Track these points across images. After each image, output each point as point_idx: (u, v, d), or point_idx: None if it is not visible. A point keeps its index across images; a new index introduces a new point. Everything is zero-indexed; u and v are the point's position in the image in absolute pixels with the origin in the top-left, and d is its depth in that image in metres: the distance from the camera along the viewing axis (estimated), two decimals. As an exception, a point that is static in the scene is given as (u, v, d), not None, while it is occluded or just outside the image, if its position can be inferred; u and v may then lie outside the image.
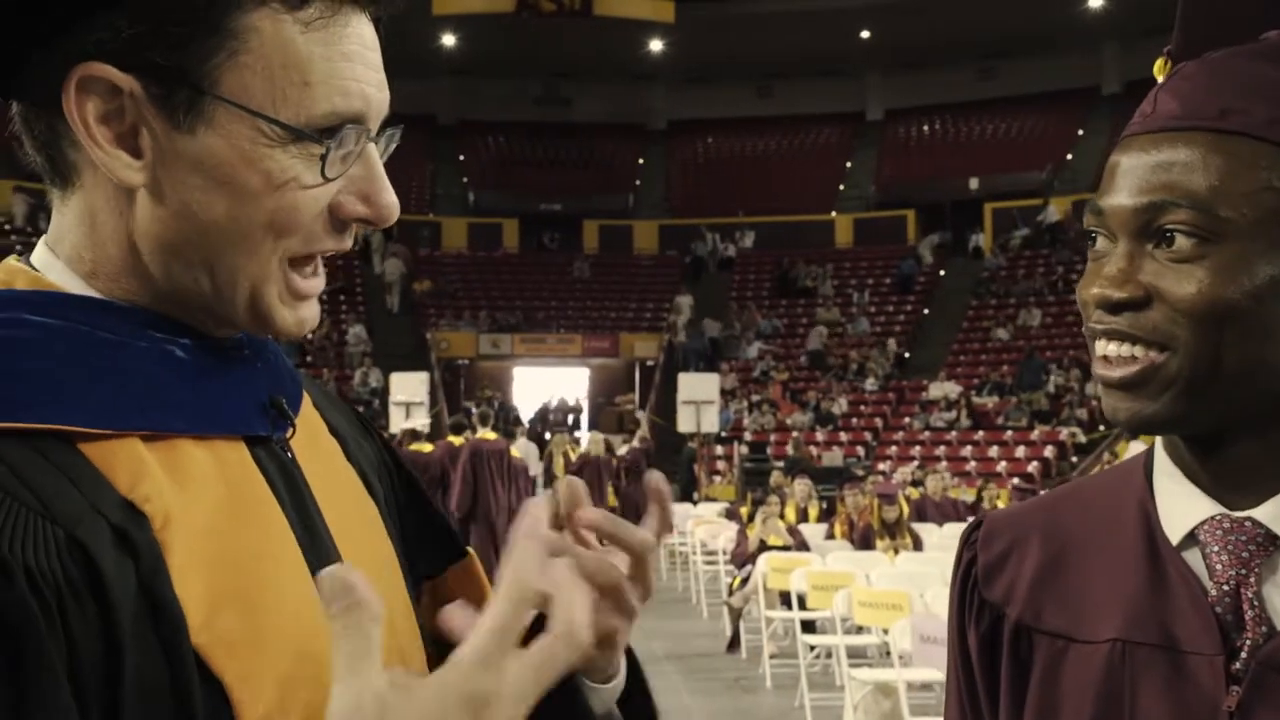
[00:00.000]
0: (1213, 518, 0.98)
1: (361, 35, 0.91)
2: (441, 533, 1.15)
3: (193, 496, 0.84)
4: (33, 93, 0.88)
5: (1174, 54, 1.03)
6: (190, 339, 0.92)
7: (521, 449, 14.74)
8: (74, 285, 0.90)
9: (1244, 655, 0.94)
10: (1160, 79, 1.05)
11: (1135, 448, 18.90)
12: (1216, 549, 0.97)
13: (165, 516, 0.80)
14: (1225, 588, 0.96)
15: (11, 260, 0.92)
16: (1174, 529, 1.01)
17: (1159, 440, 1.05)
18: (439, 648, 1.08)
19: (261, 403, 0.95)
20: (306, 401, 1.04)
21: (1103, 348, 0.96)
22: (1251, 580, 0.96)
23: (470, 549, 1.18)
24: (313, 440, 1.02)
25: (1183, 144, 0.94)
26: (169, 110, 0.86)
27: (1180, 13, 1.03)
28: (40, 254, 0.92)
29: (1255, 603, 0.95)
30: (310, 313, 0.93)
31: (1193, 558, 0.99)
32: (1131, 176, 0.95)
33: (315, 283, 0.93)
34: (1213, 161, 0.92)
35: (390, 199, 0.92)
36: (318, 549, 0.92)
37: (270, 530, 0.89)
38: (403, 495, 1.13)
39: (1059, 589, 1.07)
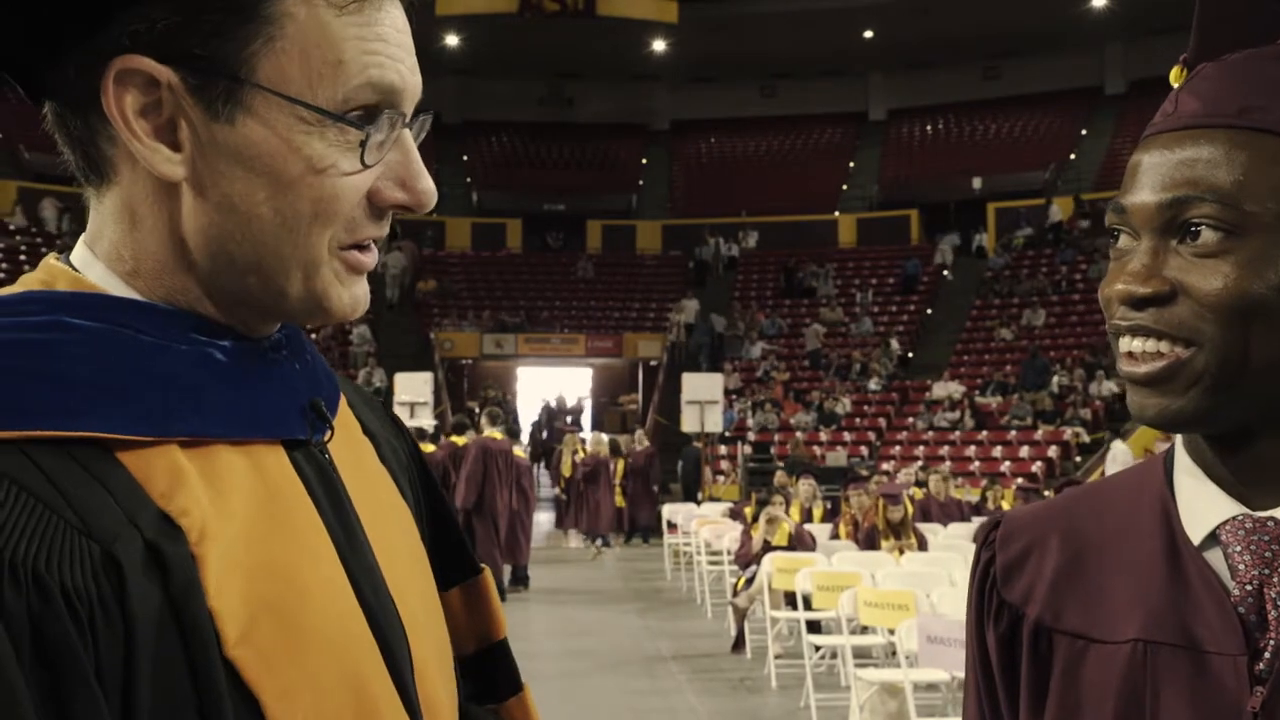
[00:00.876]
0: (1235, 517, 0.98)
1: (394, 19, 0.91)
2: (457, 548, 1.15)
3: (231, 504, 0.84)
4: (68, 91, 0.88)
5: (1190, 60, 1.03)
6: (230, 340, 0.91)
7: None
8: (114, 286, 0.89)
9: (1267, 655, 0.94)
10: (1176, 83, 1.05)
11: (1118, 449, 18.86)
12: (1239, 549, 0.97)
13: (202, 529, 0.80)
14: (1248, 588, 0.96)
15: (51, 259, 0.92)
16: (1195, 529, 1.00)
17: (1179, 439, 1.05)
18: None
19: (300, 405, 0.95)
20: (342, 402, 1.04)
21: (1127, 344, 0.96)
22: (1275, 580, 0.95)
23: (485, 567, 1.18)
24: (349, 442, 1.02)
25: (1205, 141, 0.94)
26: (207, 100, 0.85)
27: (1197, 20, 1.03)
28: (79, 253, 0.92)
29: (1279, 603, 0.95)
30: (363, 291, 0.93)
31: (1214, 557, 0.99)
32: (1155, 173, 0.96)
33: (369, 257, 0.93)
34: (1236, 157, 0.92)
35: (428, 185, 0.92)
36: (356, 554, 0.92)
37: (309, 536, 0.89)
38: (425, 502, 1.13)
39: (1079, 589, 1.07)
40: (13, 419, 0.78)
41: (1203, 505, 1.00)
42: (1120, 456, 17.82)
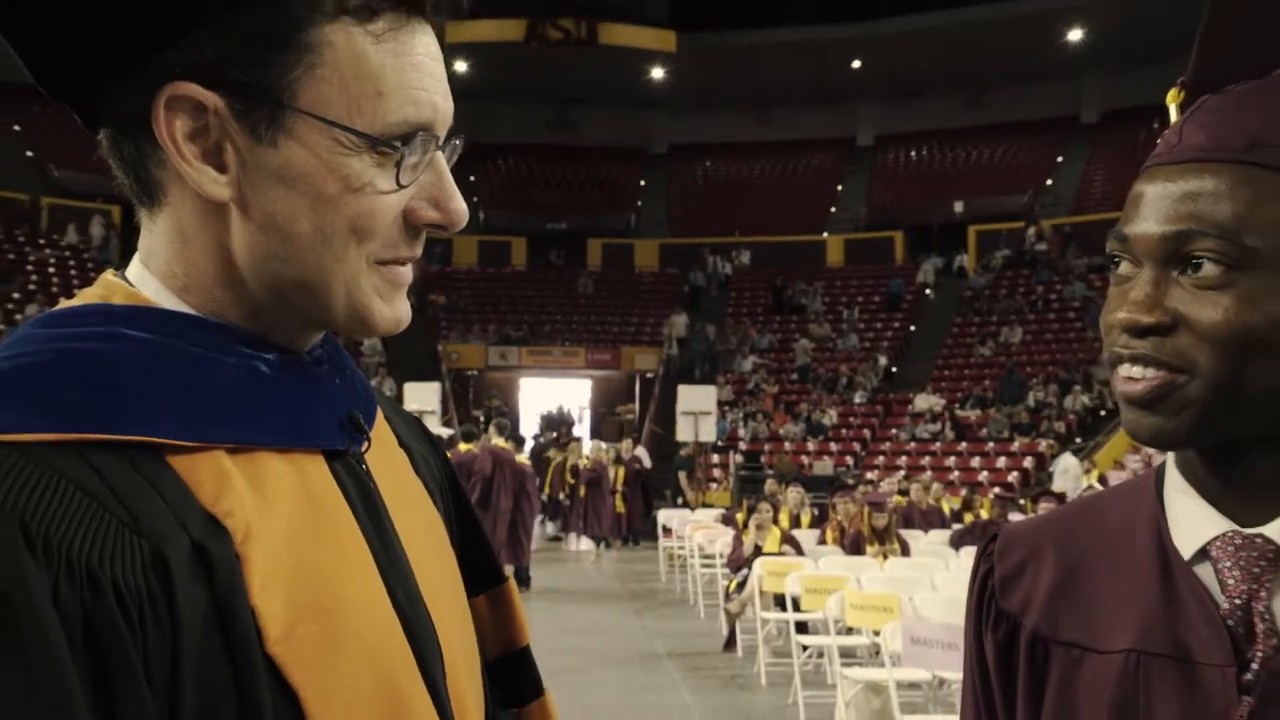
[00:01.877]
0: (1225, 534, 0.98)
1: (428, 47, 0.91)
2: (483, 557, 1.15)
3: (274, 508, 0.84)
4: (120, 117, 0.88)
5: (1189, 85, 1.03)
6: (275, 354, 0.92)
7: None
8: (167, 300, 0.90)
9: (1255, 667, 0.94)
10: (1172, 105, 1.05)
11: (1067, 461, 18.90)
12: (1229, 564, 0.97)
13: (246, 531, 0.80)
14: (1237, 601, 0.96)
15: (109, 275, 0.93)
16: (1186, 544, 1.00)
17: (1171, 456, 1.05)
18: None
19: (340, 418, 0.95)
20: (379, 416, 1.04)
21: (1126, 370, 0.96)
22: (1263, 594, 0.95)
23: (510, 576, 1.17)
24: (385, 454, 1.02)
25: (1210, 174, 0.93)
26: (251, 124, 0.85)
27: (1198, 46, 1.03)
28: (134, 269, 0.92)
29: (1266, 616, 0.95)
30: (405, 308, 0.93)
31: (1204, 572, 0.99)
32: (1159, 205, 0.95)
33: (406, 271, 0.93)
34: (1240, 192, 0.92)
35: (460, 204, 0.92)
36: (391, 560, 0.92)
37: (347, 542, 0.89)
38: (455, 512, 1.13)
39: (1074, 600, 1.06)
40: (71, 423, 0.78)
41: (1193, 522, 1.00)
42: (1071, 469, 17.99)
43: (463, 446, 13.41)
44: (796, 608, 8.14)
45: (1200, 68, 1.03)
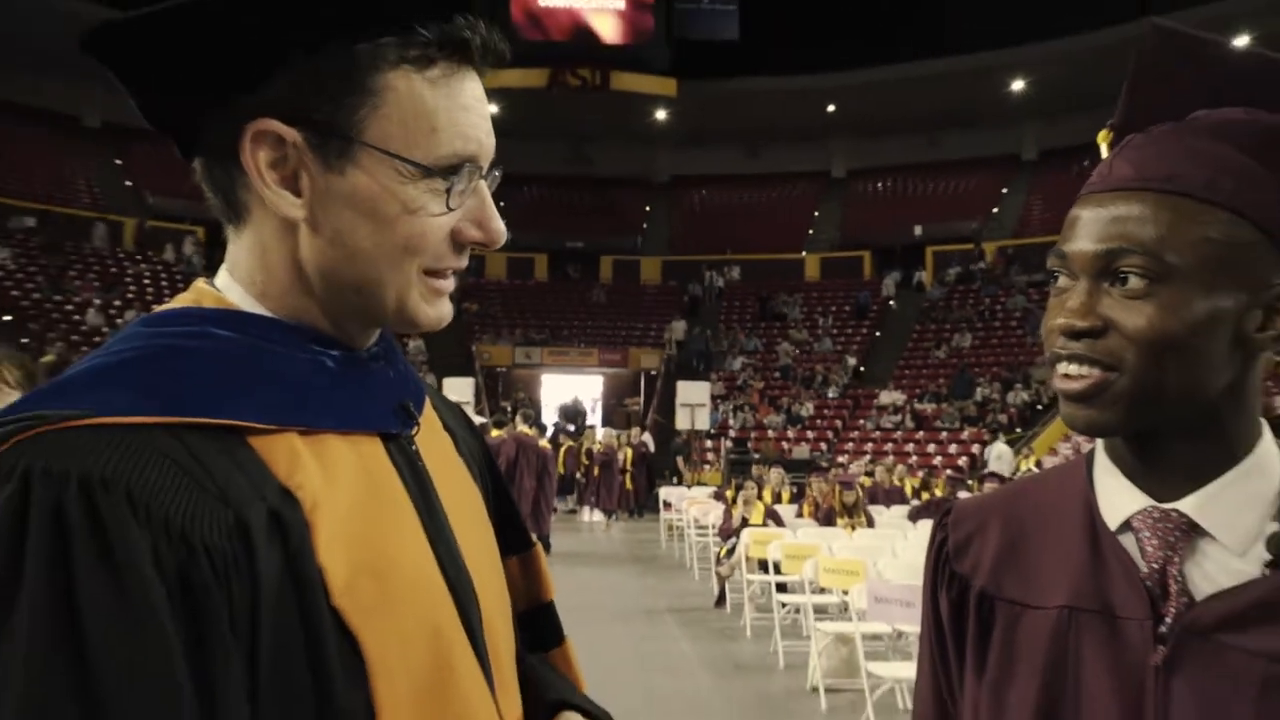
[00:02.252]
0: (1145, 509, 0.98)
1: (475, 90, 0.91)
2: (515, 525, 1.14)
3: (337, 483, 0.84)
4: (213, 147, 0.89)
5: (1117, 126, 1.03)
6: (339, 351, 0.92)
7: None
8: (249, 304, 0.90)
9: (1169, 621, 0.94)
10: (1103, 144, 1.05)
11: (999, 448, 18.83)
12: (1148, 535, 0.97)
13: (314, 501, 0.81)
14: (1154, 566, 0.96)
15: (200, 283, 0.93)
16: (1112, 517, 1.00)
17: (1100, 442, 1.05)
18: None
19: (393, 406, 0.95)
20: (427, 404, 1.04)
21: (1064, 368, 0.96)
22: (1176, 560, 0.95)
23: (538, 541, 1.17)
24: (432, 437, 1.02)
25: (1136, 201, 0.93)
26: (324, 155, 0.86)
27: (1126, 94, 1.02)
28: (222, 278, 0.93)
29: (1179, 578, 0.95)
30: (446, 309, 0.94)
31: (1127, 541, 0.99)
32: (1092, 226, 0.95)
33: (448, 283, 0.93)
34: (1161, 216, 0.91)
35: (500, 226, 0.93)
36: (438, 529, 0.92)
37: (399, 513, 0.89)
38: (491, 487, 1.13)
39: (1016, 564, 1.06)
40: (169, 408, 0.79)
41: (1118, 498, 1.00)
42: (1004, 455, 18.10)
43: (493, 433, 13.37)
44: (777, 571, 8.14)
45: (1127, 112, 1.02)
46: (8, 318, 21.64)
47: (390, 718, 0.80)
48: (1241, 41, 1.06)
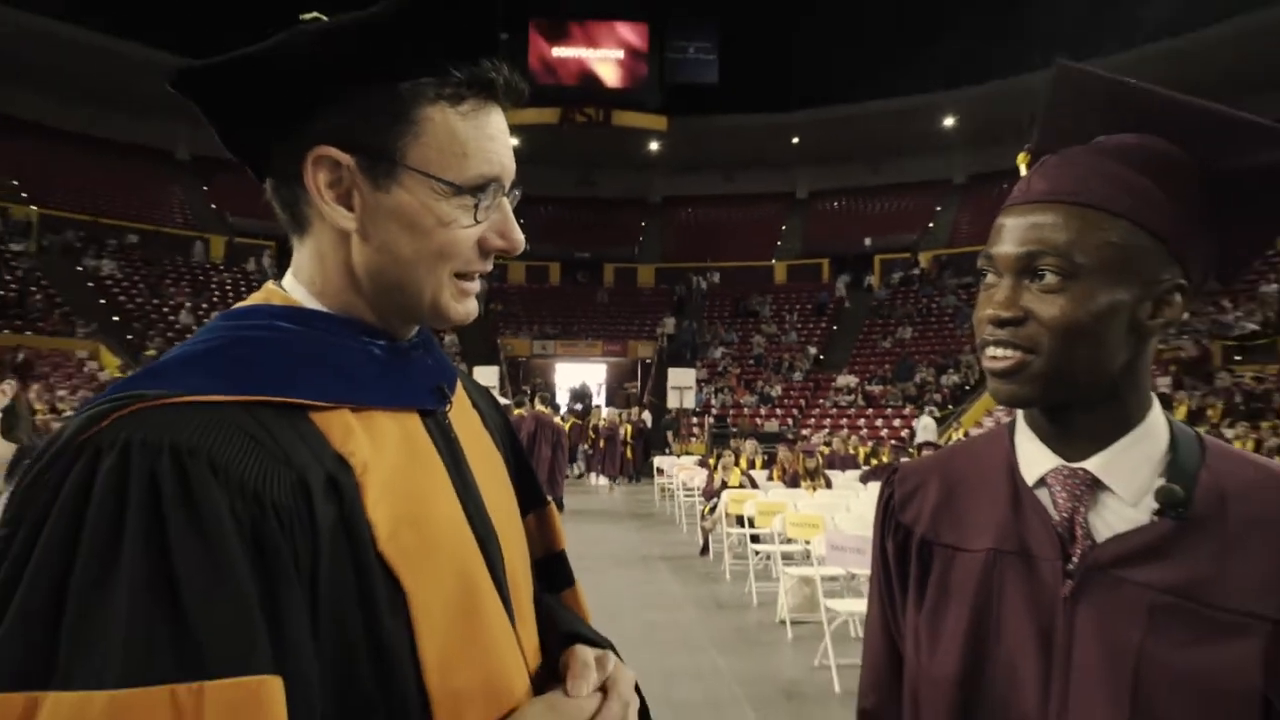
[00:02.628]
0: (1056, 468, 0.98)
1: (499, 123, 0.90)
2: (532, 486, 1.13)
3: (383, 451, 0.84)
4: (280, 171, 0.89)
5: (1034, 150, 1.03)
6: (384, 341, 0.91)
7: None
8: (309, 302, 0.90)
9: (1075, 560, 0.95)
10: (1022, 164, 1.05)
11: (925, 421, 18.88)
12: (1059, 489, 0.97)
13: (364, 466, 0.81)
14: (1064, 515, 0.96)
15: (269, 285, 0.93)
16: (1030, 475, 1.01)
17: (1020, 413, 1.05)
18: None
19: (430, 387, 0.95)
20: (459, 386, 1.04)
21: (991, 351, 0.96)
22: (1081, 510, 0.96)
23: (551, 500, 1.17)
24: (463, 413, 1.02)
25: (1050, 211, 0.93)
26: (373, 176, 0.85)
27: (1041, 124, 1.03)
28: (288, 280, 0.93)
29: (1083, 525, 0.95)
30: (473, 306, 0.93)
31: (1042, 494, 0.99)
32: (1014, 233, 0.95)
33: (474, 285, 0.92)
34: (1071, 224, 0.92)
35: (520, 236, 0.92)
36: (466, 489, 0.92)
37: (435, 477, 0.88)
38: (512, 455, 1.12)
39: (951, 515, 1.06)
40: (243, 388, 0.79)
41: (1035, 459, 1.00)
42: (928, 426, 18.23)
43: (515, 411, 13.36)
44: (751, 525, 8.16)
45: (1042, 137, 1.02)
46: (115, 318, 21.95)
47: (426, 643, 0.80)
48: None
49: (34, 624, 0.65)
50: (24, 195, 24.98)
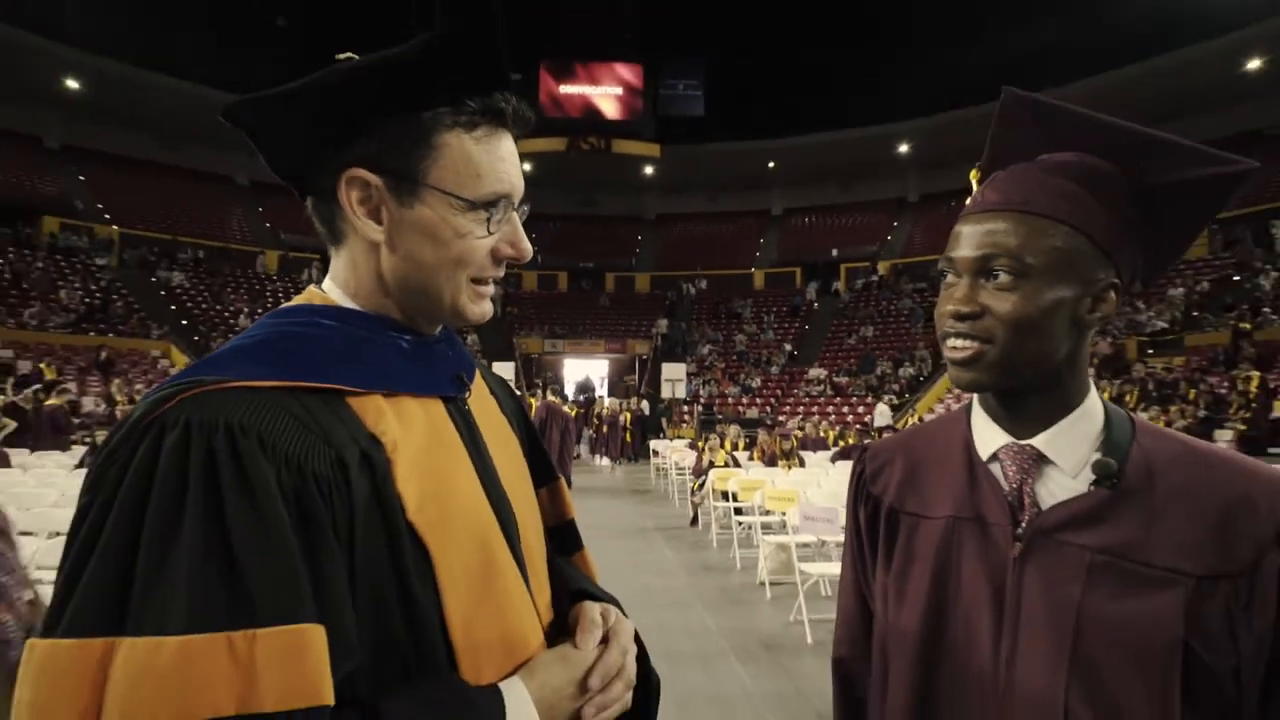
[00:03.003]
0: (1007, 444, 0.98)
1: (509, 146, 0.90)
2: (544, 464, 1.13)
3: (411, 432, 0.83)
4: (319, 190, 0.88)
5: (984, 166, 1.03)
6: (411, 336, 0.91)
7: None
8: (345, 302, 0.90)
9: (1024, 525, 0.94)
10: (974, 180, 1.04)
11: (881, 409, 18.96)
12: (1009, 463, 0.97)
13: (394, 444, 0.80)
14: (1014, 486, 0.96)
15: (311, 288, 0.93)
16: (984, 450, 1.00)
17: (975, 397, 1.04)
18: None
19: (451, 377, 0.94)
20: (478, 375, 1.03)
21: (951, 343, 0.95)
22: (1029, 481, 0.95)
23: (561, 475, 1.16)
24: (481, 400, 1.01)
25: (1001, 219, 0.93)
26: (398, 194, 0.85)
27: (991, 143, 1.02)
28: (326, 283, 0.92)
29: (1030, 494, 0.95)
30: (488, 307, 0.92)
31: (995, 468, 0.99)
32: (971, 238, 0.94)
33: (489, 289, 0.92)
34: (1021, 230, 0.91)
35: (527, 245, 0.92)
36: (484, 466, 0.91)
37: (456, 456, 0.88)
38: (525, 437, 1.11)
39: (915, 487, 1.06)
40: (288, 375, 0.78)
41: (988, 437, 1.00)
42: (884, 412, 18.38)
43: (529, 400, 13.38)
44: (735, 499, 8.18)
45: (992, 155, 1.02)
46: (184, 322, 22.34)
47: (450, 600, 0.79)
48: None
49: (110, 580, 0.66)
50: (107, 217, 25.68)
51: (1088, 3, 25.08)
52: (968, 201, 0.98)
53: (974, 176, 1.04)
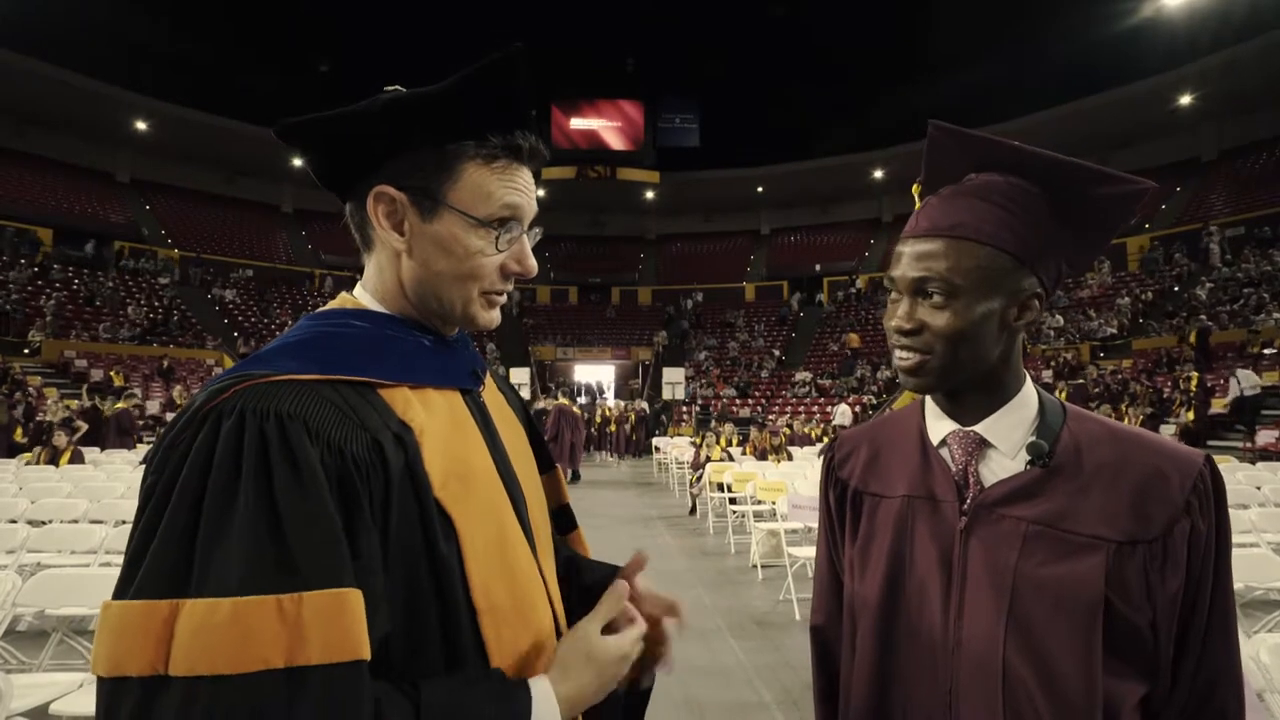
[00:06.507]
0: (954, 431, 0.99)
1: (525, 177, 0.91)
2: (543, 454, 1.14)
3: (435, 419, 0.85)
4: (355, 202, 0.90)
5: (923, 191, 1.03)
6: (433, 336, 0.92)
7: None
8: (374, 305, 0.91)
9: (968, 502, 0.95)
10: (916, 195, 1.05)
11: (842, 408, 18.88)
12: (956, 447, 0.98)
13: (421, 429, 0.82)
14: (960, 467, 0.97)
15: (344, 294, 0.94)
16: (935, 437, 1.02)
17: (928, 396, 1.05)
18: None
19: (469, 371, 0.95)
20: (488, 374, 1.05)
21: (899, 354, 0.97)
22: (973, 463, 0.97)
23: (557, 464, 1.17)
24: (492, 394, 1.03)
25: (933, 243, 0.94)
26: (419, 210, 0.87)
27: (924, 169, 1.03)
28: (358, 289, 0.94)
29: (975, 475, 0.96)
30: (497, 316, 0.93)
31: (944, 452, 1.00)
32: (908, 261, 0.96)
33: (500, 299, 0.93)
34: (949, 253, 0.92)
35: (533, 263, 0.93)
36: (497, 450, 0.93)
37: (474, 442, 0.89)
38: (529, 430, 1.12)
39: (876, 470, 1.07)
40: (327, 369, 0.80)
41: (938, 425, 1.02)
42: (844, 412, 18.53)
43: (544, 402, 13.35)
44: (729, 490, 8.14)
45: (926, 180, 1.03)
46: (235, 334, 22.63)
47: (472, 563, 0.81)
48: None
49: (173, 549, 0.68)
50: (169, 241, 26.44)
51: (1038, 45, 25.23)
52: (908, 224, 1.00)
53: (915, 191, 1.06)
